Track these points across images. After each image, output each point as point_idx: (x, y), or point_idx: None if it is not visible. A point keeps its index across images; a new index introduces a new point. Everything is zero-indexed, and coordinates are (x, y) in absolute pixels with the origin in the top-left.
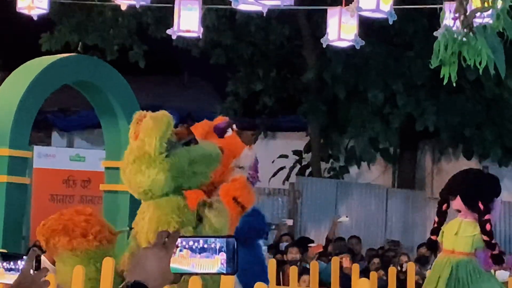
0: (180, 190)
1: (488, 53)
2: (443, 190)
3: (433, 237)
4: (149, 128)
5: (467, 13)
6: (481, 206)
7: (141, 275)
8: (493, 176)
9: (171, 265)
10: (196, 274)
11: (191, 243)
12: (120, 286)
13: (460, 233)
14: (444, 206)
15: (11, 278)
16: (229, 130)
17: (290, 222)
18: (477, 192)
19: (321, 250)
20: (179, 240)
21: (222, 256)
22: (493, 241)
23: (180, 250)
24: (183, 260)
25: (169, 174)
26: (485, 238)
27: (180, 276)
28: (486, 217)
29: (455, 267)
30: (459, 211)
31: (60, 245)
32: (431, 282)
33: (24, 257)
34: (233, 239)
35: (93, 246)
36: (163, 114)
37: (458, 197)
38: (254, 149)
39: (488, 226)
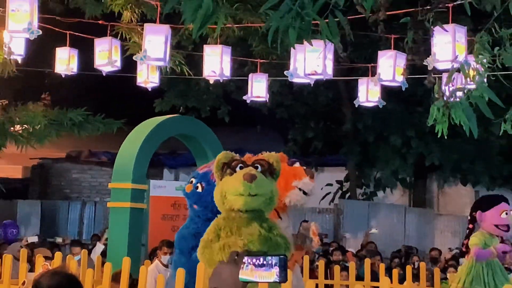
0: (231, 211)
1: (464, 120)
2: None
3: None
4: None
5: (454, 87)
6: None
7: (218, 284)
8: (484, 196)
9: (240, 276)
10: (258, 282)
11: (254, 260)
12: None
13: None
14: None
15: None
16: (297, 163)
17: (375, 231)
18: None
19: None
20: (245, 258)
21: (276, 269)
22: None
23: (247, 266)
24: (249, 273)
25: (218, 198)
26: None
27: (246, 285)
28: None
29: None
30: None
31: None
32: None
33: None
34: (284, 256)
35: None
36: (220, 153)
37: None
38: (314, 181)
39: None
